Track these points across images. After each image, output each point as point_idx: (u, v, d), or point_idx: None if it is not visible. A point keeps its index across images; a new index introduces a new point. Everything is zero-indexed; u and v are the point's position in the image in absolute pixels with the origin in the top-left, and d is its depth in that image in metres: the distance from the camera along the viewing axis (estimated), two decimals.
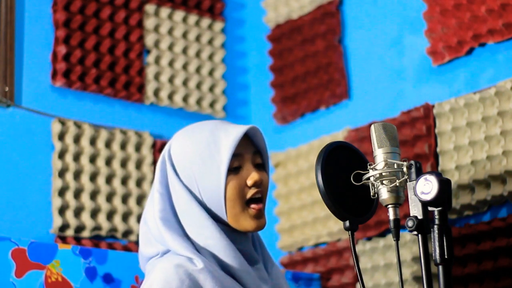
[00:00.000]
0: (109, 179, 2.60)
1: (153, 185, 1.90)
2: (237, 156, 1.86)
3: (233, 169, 1.85)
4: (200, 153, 1.85)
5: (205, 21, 2.92)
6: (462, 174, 2.30)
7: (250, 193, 1.86)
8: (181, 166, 1.87)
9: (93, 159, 2.58)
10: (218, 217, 1.86)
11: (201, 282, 1.74)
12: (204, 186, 1.84)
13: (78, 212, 2.51)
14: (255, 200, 1.87)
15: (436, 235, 1.64)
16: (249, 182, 1.86)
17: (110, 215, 2.57)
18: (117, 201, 2.59)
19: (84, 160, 2.56)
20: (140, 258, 1.90)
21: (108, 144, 2.63)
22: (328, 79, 2.74)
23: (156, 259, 1.83)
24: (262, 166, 1.92)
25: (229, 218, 1.85)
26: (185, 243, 1.80)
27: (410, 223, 1.67)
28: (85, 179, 2.55)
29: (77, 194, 2.53)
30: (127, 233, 2.58)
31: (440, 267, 1.64)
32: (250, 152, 1.89)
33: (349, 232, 1.77)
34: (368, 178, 1.74)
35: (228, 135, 1.85)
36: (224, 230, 1.85)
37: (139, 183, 2.65)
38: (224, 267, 1.81)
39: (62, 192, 2.51)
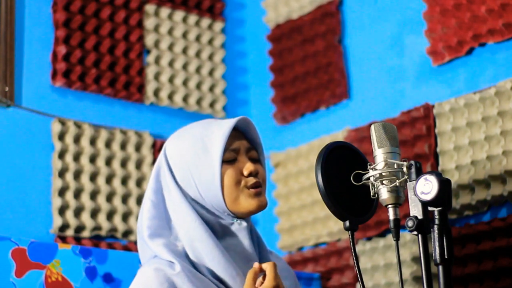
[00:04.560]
0: (109, 179, 2.60)
1: (145, 194, 1.91)
2: (231, 150, 1.87)
3: (228, 161, 1.87)
4: (194, 148, 1.87)
5: (205, 21, 2.92)
6: (462, 174, 2.30)
7: (248, 182, 1.87)
8: (177, 165, 1.88)
9: (93, 159, 2.59)
10: (217, 211, 1.87)
11: (178, 286, 1.76)
12: (200, 179, 1.85)
13: (78, 212, 2.51)
14: (253, 187, 1.89)
15: (436, 235, 1.64)
16: (245, 172, 1.87)
17: (110, 215, 2.57)
18: (117, 201, 2.59)
19: (84, 160, 2.56)
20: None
21: (108, 144, 2.63)
22: (328, 79, 2.74)
23: (144, 264, 1.85)
24: (257, 160, 1.93)
25: (229, 205, 1.86)
26: (168, 247, 1.82)
27: (410, 223, 1.67)
28: (85, 179, 2.55)
29: (77, 194, 2.53)
30: (127, 233, 2.58)
31: (440, 267, 1.64)
32: (244, 145, 1.91)
33: (349, 232, 1.77)
34: (368, 178, 1.74)
35: (220, 128, 1.88)
36: (223, 225, 1.86)
37: (139, 183, 2.65)
38: (210, 269, 1.81)
39: (62, 192, 2.51)
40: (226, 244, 1.85)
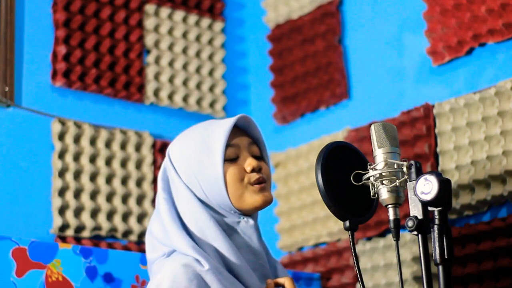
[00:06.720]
0: (109, 179, 2.60)
1: (157, 197, 1.92)
2: (233, 147, 1.88)
3: (230, 159, 1.87)
4: (196, 148, 1.87)
5: (205, 21, 2.92)
6: (462, 174, 2.30)
7: (251, 178, 1.87)
8: (181, 166, 1.89)
9: (93, 159, 2.59)
10: (223, 210, 1.87)
11: (208, 283, 1.75)
12: (204, 178, 1.86)
13: (78, 212, 2.51)
14: (257, 183, 1.88)
15: (436, 235, 1.64)
16: (248, 168, 1.87)
17: (110, 215, 2.57)
18: (117, 201, 2.59)
19: (84, 160, 2.56)
20: (148, 266, 1.91)
21: (108, 144, 2.63)
22: (328, 79, 2.74)
23: (163, 259, 1.84)
24: (260, 157, 1.93)
25: (234, 202, 1.86)
26: (190, 242, 1.81)
27: (410, 223, 1.67)
28: (85, 179, 2.55)
29: (77, 194, 2.53)
30: (127, 233, 2.58)
31: (440, 267, 1.64)
32: (246, 142, 1.91)
33: (349, 232, 1.77)
34: (368, 178, 1.74)
35: (221, 126, 1.88)
36: (230, 224, 1.87)
37: (139, 183, 2.65)
38: (228, 266, 1.82)
39: (62, 192, 2.51)
40: (235, 243, 1.86)
